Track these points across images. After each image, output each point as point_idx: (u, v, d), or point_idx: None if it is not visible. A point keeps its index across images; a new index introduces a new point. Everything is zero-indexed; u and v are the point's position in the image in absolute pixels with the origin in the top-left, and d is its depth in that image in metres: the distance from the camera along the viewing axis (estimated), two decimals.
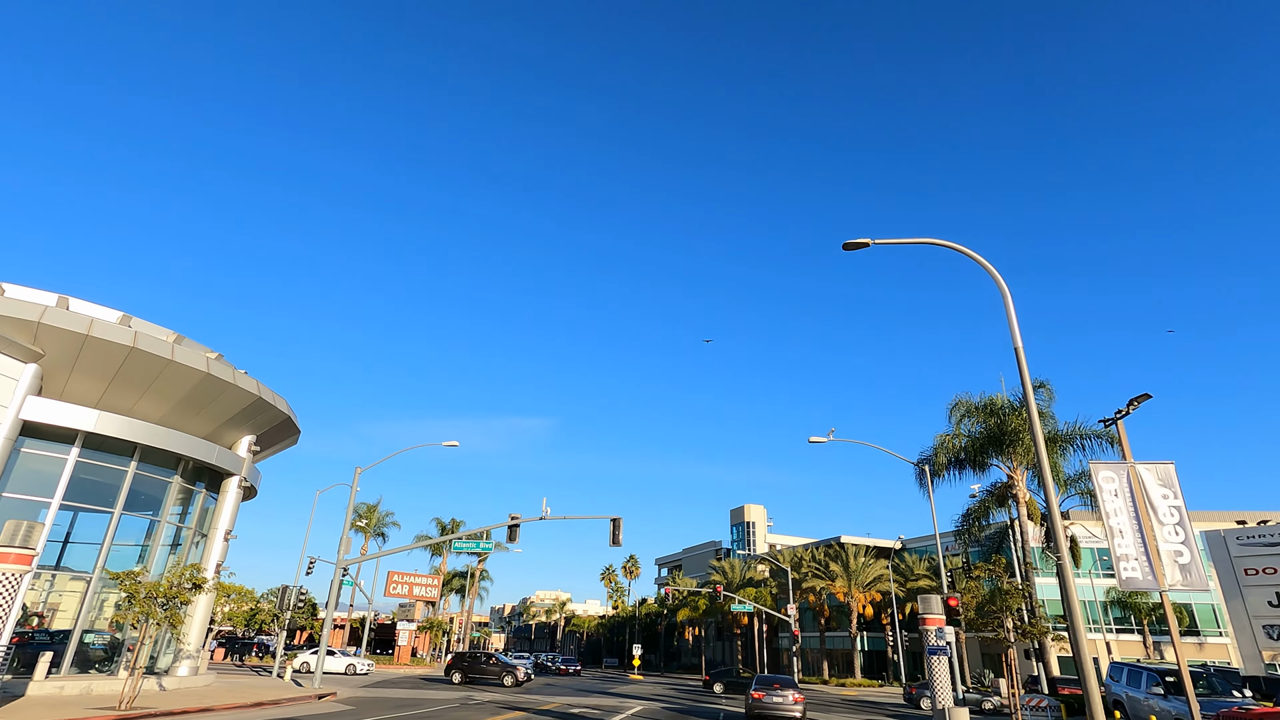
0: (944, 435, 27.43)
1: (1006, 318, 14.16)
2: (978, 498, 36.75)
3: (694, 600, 76.37)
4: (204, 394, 25.64)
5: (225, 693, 24.21)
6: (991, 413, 27.46)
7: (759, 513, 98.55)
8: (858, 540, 65.79)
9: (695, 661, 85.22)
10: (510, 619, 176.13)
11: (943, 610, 22.72)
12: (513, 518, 30.61)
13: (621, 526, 30.09)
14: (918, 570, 59.18)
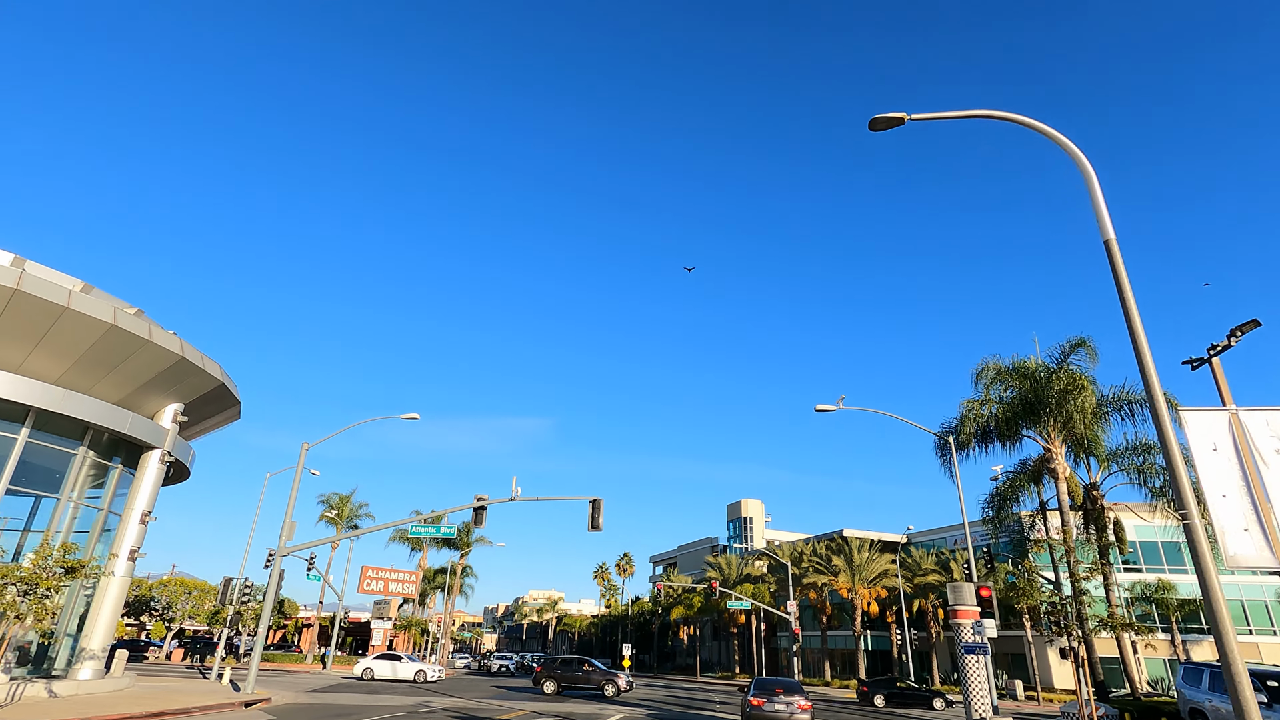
0: (971, 401, 23.81)
1: (1093, 205, 10.50)
2: (1000, 480, 33.26)
3: (689, 598, 72.72)
4: (112, 351, 21.96)
5: (130, 699, 20.53)
6: (1025, 377, 23.88)
7: (756, 508, 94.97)
8: (861, 534, 62.20)
9: (690, 662, 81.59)
10: (503, 619, 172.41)
11: (976, 600, 19.18)
12: (479, 499, 27.01)
13: (602, 509, 26.50)
14: (926, 565, 55.59)
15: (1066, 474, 23.21)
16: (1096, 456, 25.61)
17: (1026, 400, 23.77)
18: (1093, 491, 24.81)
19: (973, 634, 17.50)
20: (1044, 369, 24.09)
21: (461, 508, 26.89)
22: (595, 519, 26.44)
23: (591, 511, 26.56)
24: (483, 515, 26.83)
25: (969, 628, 18.08)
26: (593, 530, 26.34)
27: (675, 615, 72.26)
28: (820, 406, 24.74)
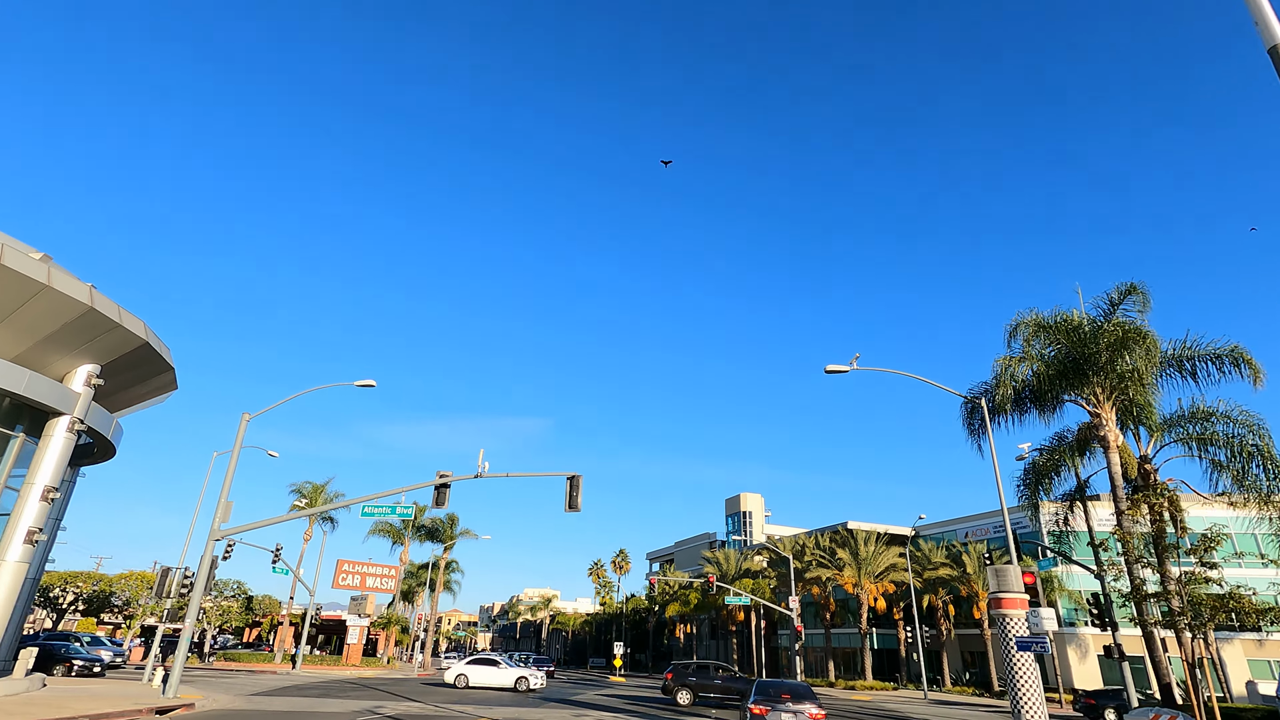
0: (1007, 358, 20.45)
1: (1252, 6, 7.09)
2: (1030, 457, 30.02)
3: (685, 594, 69.47)
4: (2, 295, 18.68)
5: (18, 705, 17.23)
6: (1068, 332, 20.56)
7: (756, 502, 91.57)
8: (867, 526, 58.94)
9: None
10: (497, 618, 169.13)
11: (1023, 587, 15.90)
12: (441, 475, 23.71)
13: (580, 487, 23.23)
14: (936, 558, 52.35)
15: (1119, 442, 19.90)
16: (1147, 425, 22.34)
17: (1070, 358, 20.49)
18: (1144, 465, 21.54)
19: (1029, 624, 14.21)
20: (1089, 322, 20.80)
21: (421, 485, 23.59)
22: (573, 498, 23.16)
23: (569, 489, 23.28)
24: (445, 494, 23.53)
25: (1019, 619, 14.78)
26: (570, 510, 23.06)
27: (671, 612, 69.07)
28: (831, 367, 21.47)
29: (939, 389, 20.73)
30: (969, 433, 22.85)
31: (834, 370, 21.48)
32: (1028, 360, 20.12)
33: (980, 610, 48.68)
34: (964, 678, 52.92)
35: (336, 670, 46.70)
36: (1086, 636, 47.37)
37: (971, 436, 22.85)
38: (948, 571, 50.85)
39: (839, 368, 21.49)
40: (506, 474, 23.86)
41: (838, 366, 21.52)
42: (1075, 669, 46.18)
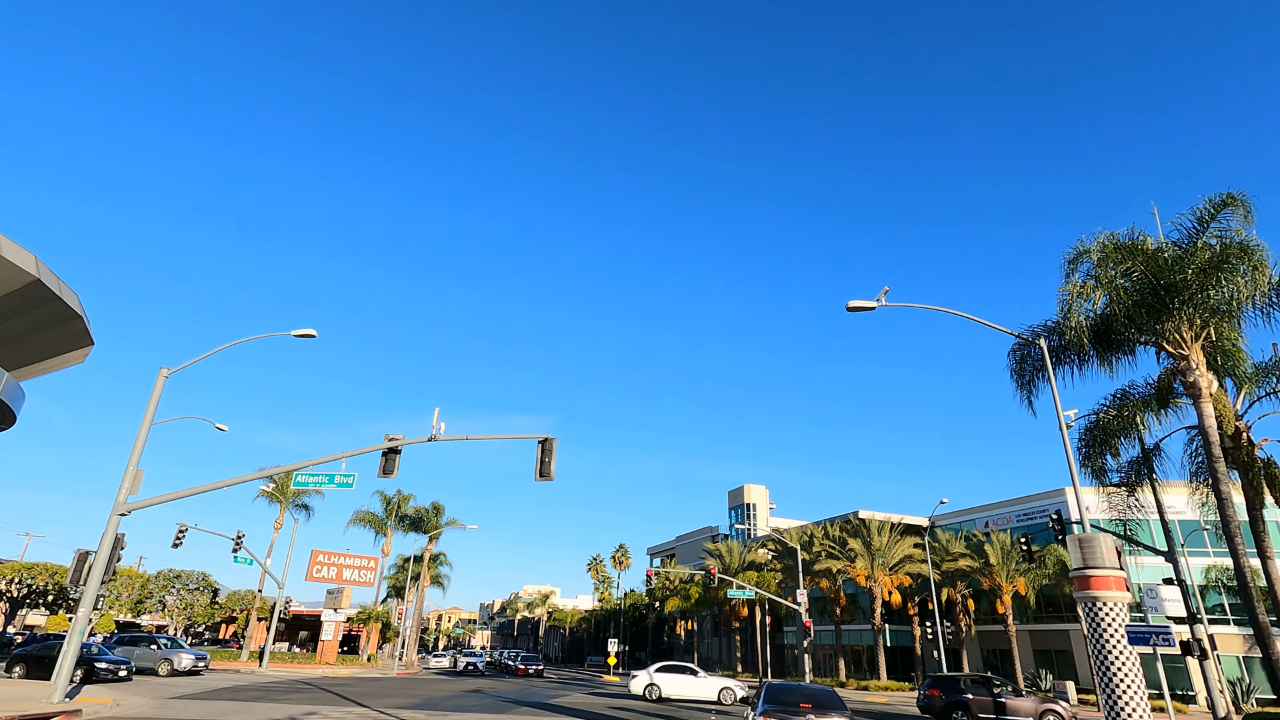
0: (1076, 283, 16.58)
1: None
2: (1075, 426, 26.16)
3: (685, 589, 65.85)
4: None
5: None
6: (1147, 257, 16.73)
7: (760, 494, 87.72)
8: (880, 516, 55.07)
9: (688, 660, 74.70)
10: (496, 615, 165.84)
11: (1116, 560, 12.13)
12: (390, 439, 20.04)
13: (554, 453, 19.53)
14: (954, 549, 48.53)
15: (1212, 389, 16.01)
16: (1234, 375, 18.54)
17: (1148, 289, 16.66)
18: (1235, 423, 17.73)
19: (1154, 603, 10.47)
20: (1171, 246, 16.97)
21: (367, 449, 19.91)
22: (545, 464, 19.46)
23: (540, 454, 19.58)
24: (394, 460, 19.85)
25: (1116, 605, 11.04)
26: (541, 479, 19.37)
27: (670, 607, 65.44)
28: (855, 303, 17.75)
29: (984, 326, 16.99)
30: (1018, 385, 19.05)
31: (858, 307, 17.76)
32: (1102, 284, 16.25)
33: (1004, 605, 44.86)
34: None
35: (307, 669, 43.15)
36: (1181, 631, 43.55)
37: (1021, 390, 19.06)
38: (968, 563, 47.03)
39: (863, 304, 17.77)
40: (465, 437, 20.20)
41: (862, 303, 17.80)
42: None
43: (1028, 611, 48.49)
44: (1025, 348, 18.88)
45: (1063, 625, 46.03)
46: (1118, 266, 16.69)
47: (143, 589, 50.99)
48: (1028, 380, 18.95)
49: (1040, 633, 47.68)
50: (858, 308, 17.76)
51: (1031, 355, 18.87)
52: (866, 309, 17.76)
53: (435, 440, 19.71)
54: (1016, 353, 19.10)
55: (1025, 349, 18.88)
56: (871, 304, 17.70)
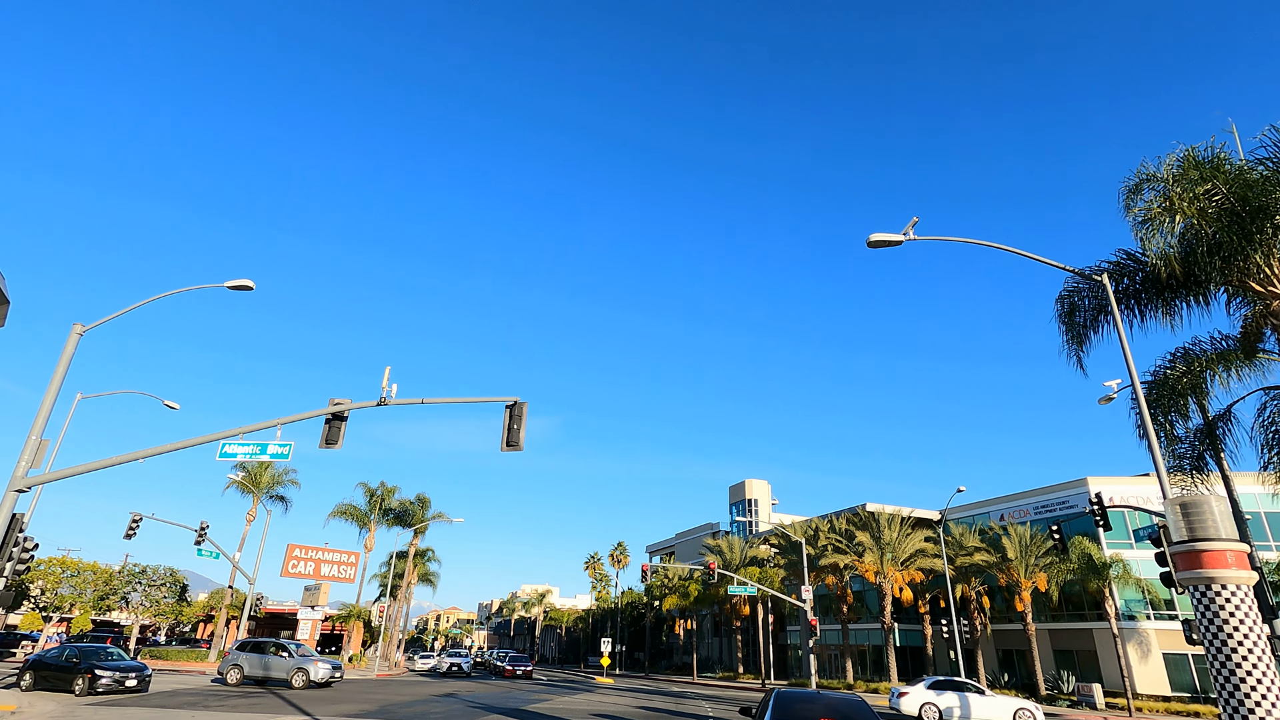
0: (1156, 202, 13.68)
1: None
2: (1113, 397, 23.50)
3: (684, 586, 63.02)
4: None
5: None
6: (1230, 178, 13.89)
7: (762, 489, 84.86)
8: (890, 509, 52.18)
9: (688, 660, 71.90)
10: (493, 615, 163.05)
11: (1235, 531, 9.30)
12: (335, 403, 17.26)
13: (524, 419, 16.75)
14: (969, 543, 45.64)
15: None
16: None
17: (1230, 216, 13.85)
18: None
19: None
20: (1258, 166, 14.15)
21: (309, 414, 17.12)
22: (513, 432, 16.67)
23: (508, 420, 16.79)
24: (340, 429, 17.07)
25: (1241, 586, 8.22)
26: (509, 449, 16.59)
27: (669, 605, 62.60)
28: (878, 236, 15.00)
29: (1043, 262, 14.18)
30: (1067, 338, 16.20)
31: (881, 241, 15.00)
32: (1178, 208, 13.42)
33: (1023, 602, 41.94)
34: (1002, 680, 46.21)
35: None
36: (1149, 633, 40.69)
37: (1069, 344, 16.21)
38: (984, 557, 44.10)
39: (888, 237, 15.02)
40: (421, 400, 17.39)
41: (886, 236, 15.04)
42: (1137, 671, 39.44)
43: (1047, 609, 45.62)
44: (1076, 294, 16.06)
45: (1085, 624, 43.17)
46: (1195, 189, 13.84)
47: (106, 585, 48.29)
48: (1078, 332, 16.12)
49: (1061, 631, 44.79)
50: (881, 242, 14.98)
51: (1084, 304, 16.05)
52: (891, 244, 14.99)
53: (385, 404, 16.91)
54: (1066, 300, 16.27)
55: (1076, 295, 16.06)
56: (898, 237, 14.91)
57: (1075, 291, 16.10)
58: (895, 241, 14.95)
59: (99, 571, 47.55)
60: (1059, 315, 16.50)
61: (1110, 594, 37.74)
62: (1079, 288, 16.11)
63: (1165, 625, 40.55)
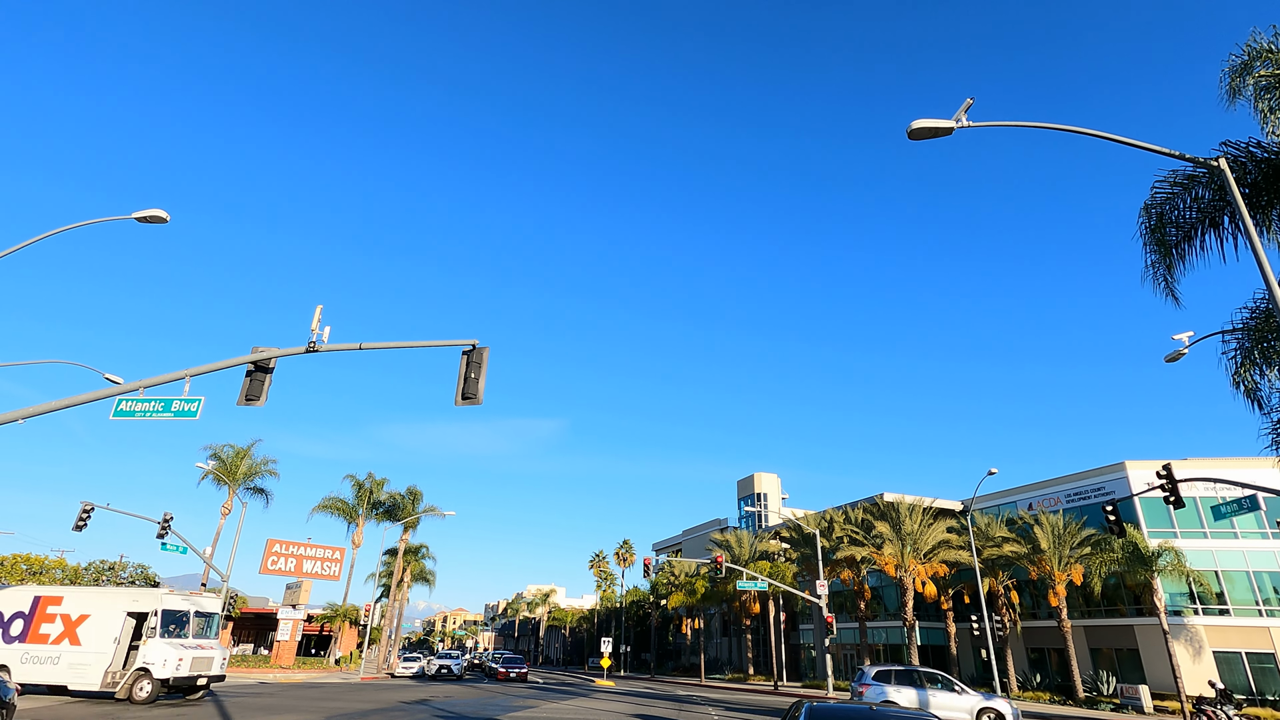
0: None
1: None
2: (1183, 352, 20.49)
3: (691, 583, 59.91)
4: None
5: None
6: None
7: (772, 482, 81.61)
8: (909, 499, 48.87)
9: (695, 661, 68.78)
10: (499, 616, 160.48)
11: None
12: (257, 351, 14.31)
13: (484, 367, 13.73)
14: (996, 533, 42.35)
15: None
16: None
17: None
18: None
19: None
20: None
21: (226, 364, 14.13)
22: (471, 381, 13.66)
23: (464, 369, 13.78)
24: (263, 383, 14.11)
25: None
26: (464, 402, 13.59)
27: (674, 603, 59.48)
28: (922, 123, 11.93)
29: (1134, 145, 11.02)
30: (1158, 254, 13.01)
31: (925, 129, 11.94)
32: None
33: (1057, 596, 38.60)
34: (1033, 681, 42.85)
35: (256, 673, 37.63)
36: (1198, 629, 37.28)
37: (1160, 262, 12.99)
38: (1013, 549, 40.80)
39: (934, 124, 11.96)
40: (359, 345, 14.34)
41: (932, 123, 11.98)
42: (1186, 670, 35.98)
43: (1080, 605, 42.28)
44: (1169, 202, 12.90)
45: (1126, 620, 39.78)
46: None
47: (71, 583, 45.71)
48: (1171, 248, 12.95)
49: (1099, 628, 41.41)
50: (925, 130, 11.89)
51: (1178, 212, 12.88)
52: (938, 132, 11.90)
53: (315, 350, 13.92)
54: (1154, 211, 13.10)
55: (1169, 204, 12.89)
56: (947, 124, 11.82)
57: (1168, 199, 12.92)
58: (944, 129, 11.84)
59: (65, 569, 45.00)
60: (1143, 231, 13.33)
61: (1156, 587, 34.35)
62: (1171, 194, 12.94)
63: (1217, 621, 37.17)
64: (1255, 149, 12.07)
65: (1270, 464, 16.06)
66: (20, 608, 22.72)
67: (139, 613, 21.86)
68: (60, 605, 22.48)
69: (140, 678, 20.50)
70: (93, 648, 21.48)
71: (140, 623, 22.05)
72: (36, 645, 21.90)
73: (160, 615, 21.41)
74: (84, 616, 22.05)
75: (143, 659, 20.64)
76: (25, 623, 22.34)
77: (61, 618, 22.16)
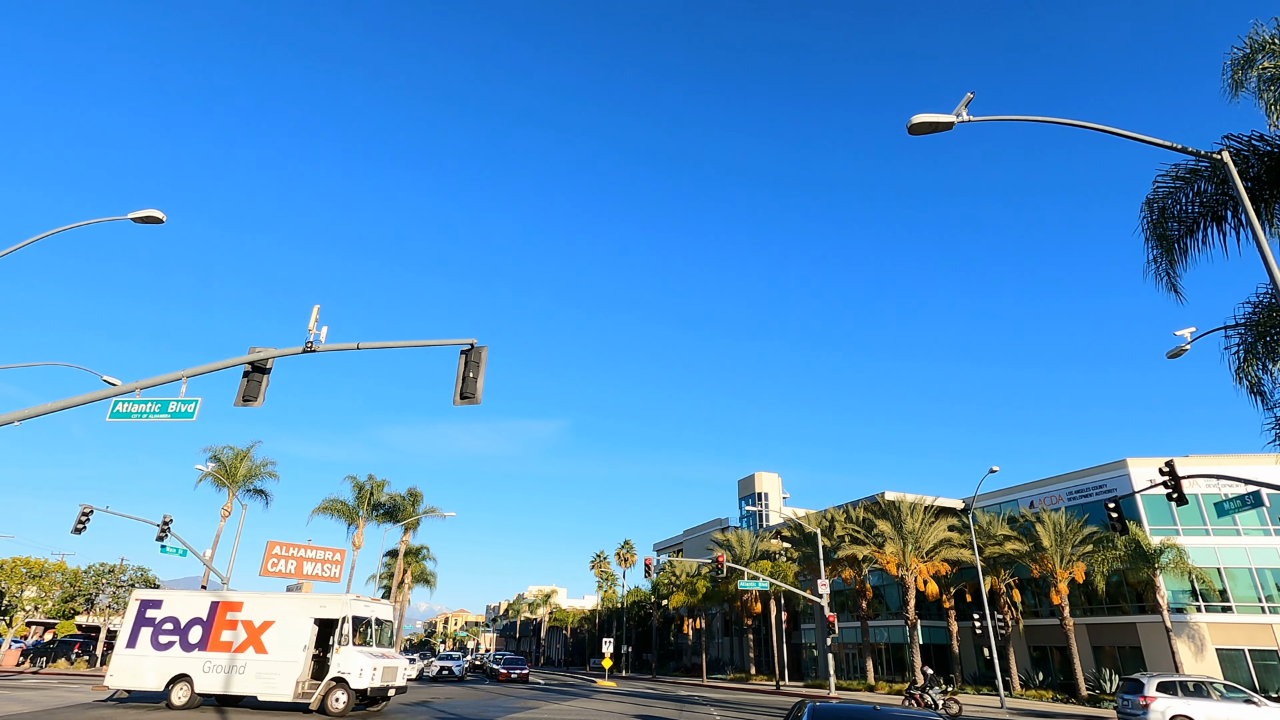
0: None
1: None
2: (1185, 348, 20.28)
3: (692, 583, 59.81)
4: None
5: None
6: None
7: (773, 482, 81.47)
8: (911, 497, 48.76)
9: (697, 661, 68.64)
10: (500, 618, 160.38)
11: None
12: (254, 352, 14.22)
13: (482, 365, 13.65)
14: (997, 532, 42.26)
15: None
16: None
17: None
18: None
19: None
20: None
21: (223, 364, 14.05)
22: (469, 381, 13.57)
23: (463, 368, 13.69)
24: (261, 383, 14.02)
25: None
26: (463, 402, 13.50)
27: (675, 603, 59.39)
28: (922, 118, 11.82)
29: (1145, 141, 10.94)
30: (1159, 250, 12.96)
31: (925, 124, 11.82)
32: None
33: (1059, 594, 38.48)
34: (1036, 679, 42.79)
35: None
36: (1201, 626, 37.15)
37: (1161, 258, 12.93)
38: (1015, 547, 40.73)
39: (934, 118, 11.81)
40: (356, 345, 14.26)
41: (933, 117, 11.84)
42: (1189, 667, 35.90)
43: (1082, 603, 42.20)
44: (1170, 196, 12.82)
45: (1129, 618, 39.66)
46: None
47: (71, 586, 45.68)
48: (1173, 243, 12.87)
49: (1101, 626, 41.29)
50: (925, 125, 11.79)
51: (1180, 206, 12.80)
52: (938, 127, 11.79)
53: (312, 350, 13.83)
54: (1156, 205, 13.04)
55: (1170, 197, 12.82)
56: (948, 118, 11.72)
57: (1170, 194, 12.84)
58: (944, 125, 11.75)
59: (65, 572, 44.90)
60: (1145, 226, 13.25)
61: (1159, 584, 34.27)
62: (1173, 189, 12.87)
63: (1219, 618, 37.05)
64: (1258, 142, 11.99)
65: (1273, 460, 16.04)
66: (197, 614, 21.78)
67: (325, 619, 21.02)
68: (240, 611, 21.54)
69: (335, 688, 19.67)
70: (280, 656, 20.49)
71: (323, 630, 21.23)
72: (218, 653, 20.95)
73: (350, 622, 20.52)
74: (268, 623, 21.09)
75: (337, 668, 19.71)
76: (204, 630, 21.42)
77: (243, 624, 21.23)
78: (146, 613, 22.10)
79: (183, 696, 20.43)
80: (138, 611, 22.23)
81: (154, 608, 22.21)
